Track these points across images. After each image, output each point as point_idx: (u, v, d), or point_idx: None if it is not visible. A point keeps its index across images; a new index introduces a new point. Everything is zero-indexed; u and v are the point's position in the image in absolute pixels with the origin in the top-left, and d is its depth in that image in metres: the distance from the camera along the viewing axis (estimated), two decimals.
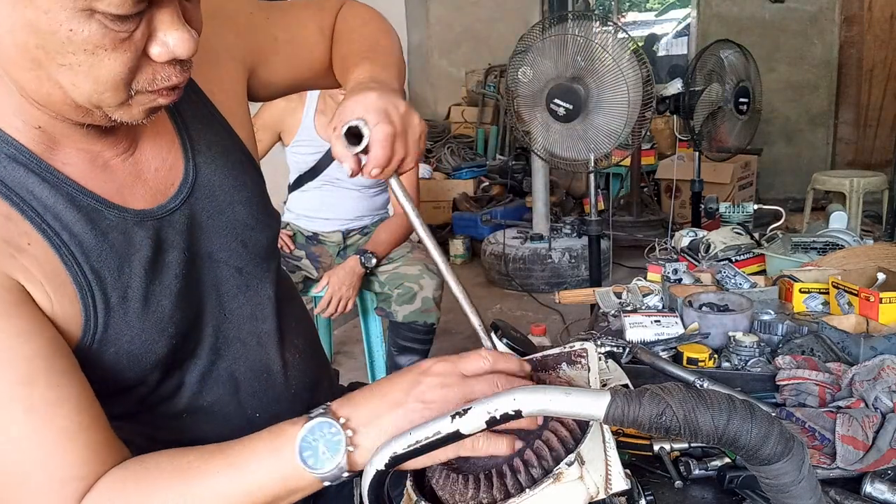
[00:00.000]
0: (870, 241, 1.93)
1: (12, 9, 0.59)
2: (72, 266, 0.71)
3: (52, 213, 0.71)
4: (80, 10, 0.59)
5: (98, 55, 0.62)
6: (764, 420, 0.51)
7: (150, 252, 0.78)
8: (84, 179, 0.74)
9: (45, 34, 0.60)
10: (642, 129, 2.63)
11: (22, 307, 0.67)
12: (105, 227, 0.74)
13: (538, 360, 0.83)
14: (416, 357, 2.39)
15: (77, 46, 0.61)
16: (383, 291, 2.36)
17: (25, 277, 0.68)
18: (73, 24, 0.59)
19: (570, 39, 2.50)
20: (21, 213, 0.69)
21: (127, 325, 0.75)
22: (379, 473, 0.56)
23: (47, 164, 0.71)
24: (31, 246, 0.69)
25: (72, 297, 0.71)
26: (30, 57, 0.62)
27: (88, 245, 0.72)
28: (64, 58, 0.61)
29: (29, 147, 0.70)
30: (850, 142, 5.98)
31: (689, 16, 7.90)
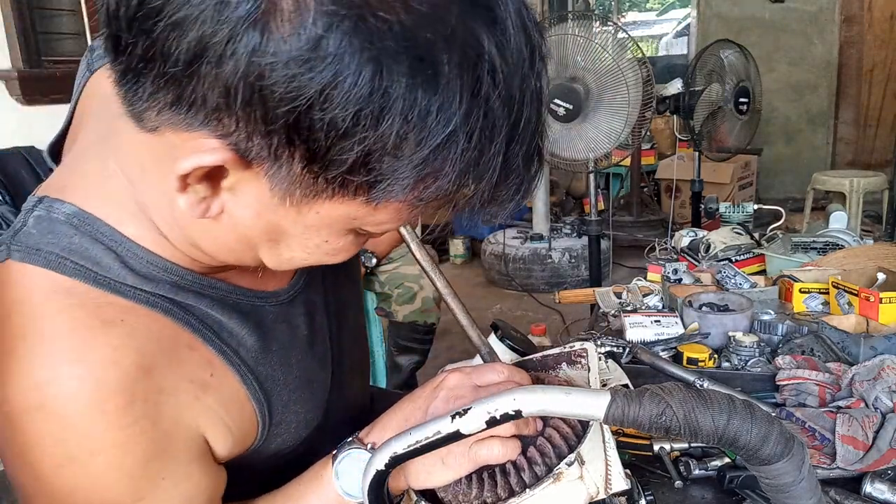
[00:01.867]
0: (870, 241, 1.93)
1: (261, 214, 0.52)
2: (250, 383, 0.67)
3: (227, 330, 0.65)
4: (349, 231, 0.55)
5: (333, 256, 0.59)
6: (764, 420, 0.51)
7: (307, 329, 0.74)
8: (241, 278, 0.69)
9: (291, 237, 0.55)
10: (642, 129, 2.63)
11: (197, 463, 0.63)
12: (270, 323, 0.70)
13: (538, 360, 0.83)
14: (416, 357, 2.39)
15: (321, 250, 0.57)
16: (383, 291, 2.36)
17: (207, 420, 0.63)
18: (331, 238, 0.56)
19: (570, 39, 2.50)
20: (202, 339, 0.63)
21: (295, 413, 0.72)
22: (379, 473, 0.56)
23: (210, 279, 0.65)
24: (213, 377, 0.64)
25: (251, 415, 0.68)
26: (247, 243, 0.57)
27: (261, 354, 0.68)
28: (295, 252, 0.57)
29: (190, 267, 0.64)
30: (850, 142, 5.98)
31: (689, 16, 7.90)
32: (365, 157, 0.45)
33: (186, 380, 0.61)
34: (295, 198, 0.49)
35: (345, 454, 0.69)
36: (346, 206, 0.50)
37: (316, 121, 0.43)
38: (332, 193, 0.48)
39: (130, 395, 0.56)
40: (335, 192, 0.48)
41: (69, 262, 0.58)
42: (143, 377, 0.57)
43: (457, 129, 0.44)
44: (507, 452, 0.66)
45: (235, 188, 0.50)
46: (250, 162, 0.47)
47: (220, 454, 0.65)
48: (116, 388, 0.55)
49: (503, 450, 0.66)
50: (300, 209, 0.51)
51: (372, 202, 0.49)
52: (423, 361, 2.45)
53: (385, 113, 0.43)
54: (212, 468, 0.65)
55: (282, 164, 0.46)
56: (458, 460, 0.66)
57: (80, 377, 0.54)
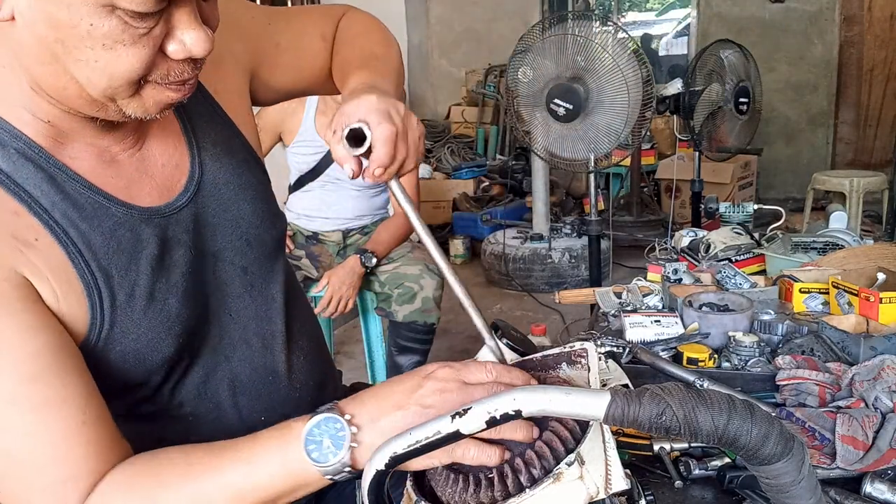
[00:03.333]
0: (870, 241, 1.93)
1: (34, 1, 0.59)
2: (79, 263, 0.71)
3: (60, 210, 0.70)
4: (102, 6, 0.59)
5: (116, 50, 0.62)
6: (764, 420, 0.51)
7: (157, 250, 0.78)
8: (92, 175, 0.74)
9: (65, 28, 0.60)
10: (642, 129, 2.63)
11: (28, 302, 0.67)
12: (112, 224, 0.74)
13: (538, 360, 0.83)
14: (416, 357, 2.39)
15: (96, 41, 0.61)
16: (383, 291, 2.36)
17: (32, 273, 0.67)
18: (93, 19, 0.60)
19: (570, 39, 2.50)
20: (29, 210, 0.69)
21: (133, 322, 0.75)
22: (379, 473, 0.56)
23: (55, 160, 0.71)
24: (38, 241, 0.68)
25: (78, 295, 0.71)
26: (48, 51, 0.62)
27: (96, 242, 0.72)
28: (82, 52, 0.62)
29: (37, 141, 0.70)
30: (850, 142, 5.98)
31: (689, 16, 7.90)
32: None
33: (8, 234, 0.67)
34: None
35: (320, 417, 0.68)
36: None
37: None
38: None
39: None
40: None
41: None
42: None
43: None
44: (482, 457, 0.66)
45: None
46: None
47: (53, 310, 0.69)
48: None
49: (478, 453, 0.66)
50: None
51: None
52: (423, 361, 2.45)
53: None
54: (50, 316, 0.68)
55: None
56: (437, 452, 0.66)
57: None
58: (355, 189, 2.48)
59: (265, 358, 0.90)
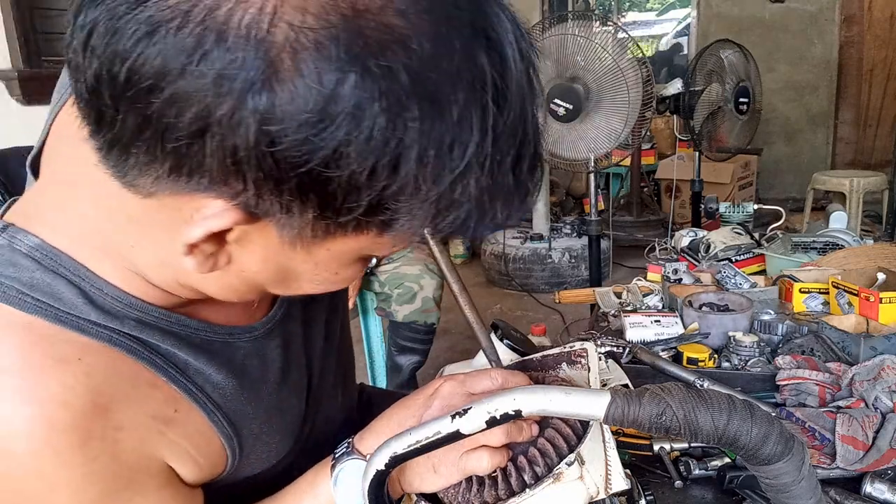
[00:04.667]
0: (870, 241, 1.93)
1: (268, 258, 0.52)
2: (217, 419, 0.65)
3: (194, 369, 0.63)
4: (357, 260, 0.55)
5: (339, 283, 0.58)
6: (764, 420, 0.51)
7: (281, 360, 0.72)
8: (212, 313, 0.66)
9: (299, 274, 0.55)
10: (642, 129, 2.63)
11: (165, 490, 0.62)
12: (241, 357, 0.68)
13: (538, 360, 0.83)
14: (416, 357, 2.39)
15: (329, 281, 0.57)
16: (383, 291, 2.36)
17: (172, 453, 0.62)
18: (340, 269, 0.55)
19: (570, 39, 2.50)
20: (167, 378, 0.61)
21: (266, 444, 0.71)
22: (379, 473, 0.56)
23: (178, 316, 0.63)
24: (178, 413, 0.62)
25: (218, 448, 0.66)
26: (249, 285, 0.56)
27: (231, 390, 0.66)
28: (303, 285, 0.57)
29: (156, 303, 0.61)
30: (850, 142, 5.98)
31: (689, 16, 7.90)
32: (380, 201, 0.44)
33: (148, 416, 0.60)
34: (306, 242, 0.49)
35: (343, 464, 0.68)
36: (358, 241, 0.50)
37: (332, 178, 0.42)
38: (345, 234, 0.48)
39: (86, 434, 0.55)
40: (348, 233, 0.48)
41: (29, 297, 0.56)
42: (100, 416, 0.56)
43: (470, 161, 0.44)
44: (496, 463, 0.66)
45: (242, 239, 0.50)
46: (259, 217, 0.46)
47: (189, 480, 0.65)
48: (69, 427, 0.54)
49: (491, 461, 0.66)
50: (310, 250, 0.50)
51: (386, 236, 0.49)
52: (423, 361, 2.45)
53: (401, 160, 0.43)
54: (182, 491, 0.64)
55: (293, 215, 0.45)
56: (449, 469, 0.67)
57: (31, 416, 0.53)
58: None
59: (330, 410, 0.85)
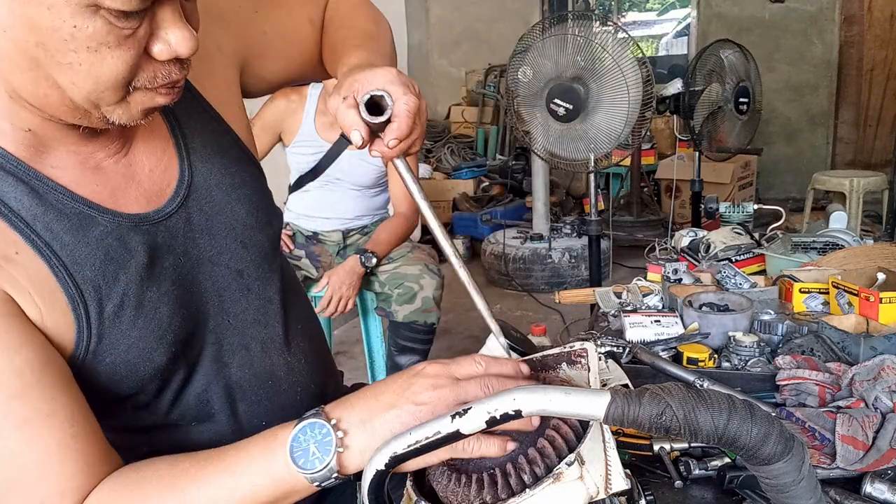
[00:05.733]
0: (870, 241, 1.93)
1: (12, 5, 0.57)
2: (62, 277, 0.69)
3: (42, 223, 0.68)
4: (86, 6, 0.58)
5: (101, 53, 0.61)
6: (764, 420, 0.51)
7: (146, 258, 0.76)
8: (75, 184, 0.72)
9: (47, 31, 0.58)
10: (642, 129, 2.63)
11: (11, 319, 0.65)
12: (98, 233, 0.72)
13: (538, 360, 0.83)
14: (416, 357, 2.39)
15: (80, 44, 0.59)
16: (383, 291, 2.36)
17: (13, 287, 0.66)
18: (77, 21, 0.58)
19: (570, 39, 2.50)
20: (9, 224, 0.67)
21: (123, 334, 0.73)
22: (379, 473, 0.56)
23: (35, 171, 0.69)
24: (19, 255, 0.67)
25: (63, 309, 0.69)
26: (28, 56, 0.60)
27: (80, 255, 0.70)
28: (65, 56, 0.60)
29: (16, 153, 0.68)
30: (850, 142, 5.98)
31: (689, 16, 7.90)
32: None
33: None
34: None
35: (305, 423, 0.67)
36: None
37: None
38: None
39: None
40: None
41: None
42: None
43: None
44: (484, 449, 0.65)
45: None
46: None
47: (36, 322, 0.67)
48: None
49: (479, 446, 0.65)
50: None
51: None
52: (423, 361, 2.45)
53: None
54: (33, 332, 0.67)
55: None
56: None
57: None
58: (355, 189, 2.48)
59: (264, 362, 0.88)
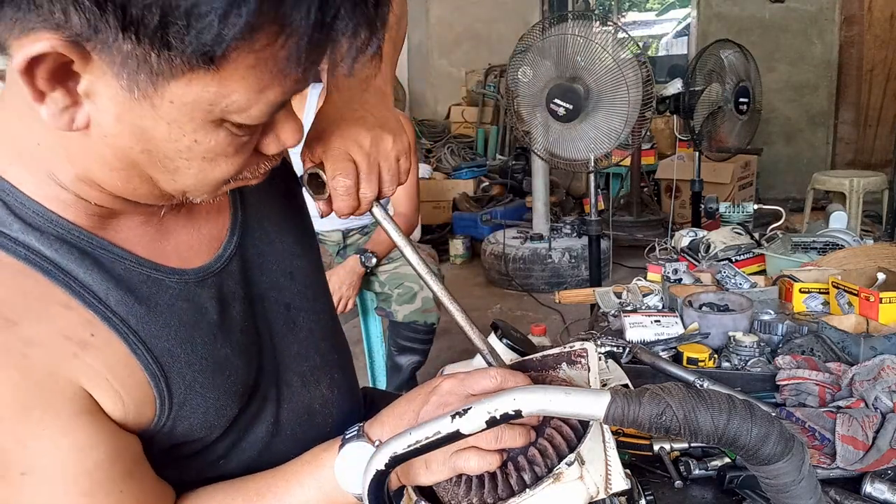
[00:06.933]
0: (870, 241, 1.93)
1: (123, 116, 0.53)
2: (141, 353, 0.65)
3: (115, 297, 0.64)
4: (210, 122, 0.55)
5: (216, 161, 0.58)
6: (764, 420, 0.51)
7: (216, 313, 0.72)
8: (139, 245, 0.68)
9: (160, 141, 0.55)
10: (642, 129, 2.63)
11: (83, 417, 0.61)
12: (169, 298, 0.68)
13: (538, 360, 0.83)
14: (416, 357, 2.39)
15: (195, 154, 0.57)
16: (383, 291, 2.36)
17: (89, 379, 0.61)
18: (199, 135, 0.55)
19: (570, 39, 2.50)
20: (83, 302, 0.62)
21: (202, 397, 0.70)
22: (379, 473, 0.56)
23: (100, 240, 0.64)
24: (94, 337, 0.62)
25: (143, 386, 0.65)
26: (127, 159, 0.57)
27: (155, 326, 0.66)
28: (173, 162, 0.57)
29: (78, 222, 0.63)
30: (850, 142, 5.99)
31: (689, 16, 7.90)
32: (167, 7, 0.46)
33: (60, 335, 0.60)
34: (140, 83, 0.50)
35: (351, 444, 0.70)
36: (193, 86, 0.51)
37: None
38: (173, 70, 0.49)
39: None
40: (174, 69, 0.49)
41: None
42: (7, 328, 0.57)
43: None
44: (484, 465, 0.66)
45: (91, 93, 0.52)
46: (83, 49, 0.49)
47: (114, 415, 0.64)
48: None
49: (479, 462, 0.66)
50: (153, 101, 0.52)
51: (210, 69, 0.49)
52: (424, 361, 2.45)
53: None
54: (106, 426, 0.63)
55: (107, 41, 0.48)
56: (439, 467, 0.68)
57: None
58: None
59: (302, 396, 0.84)
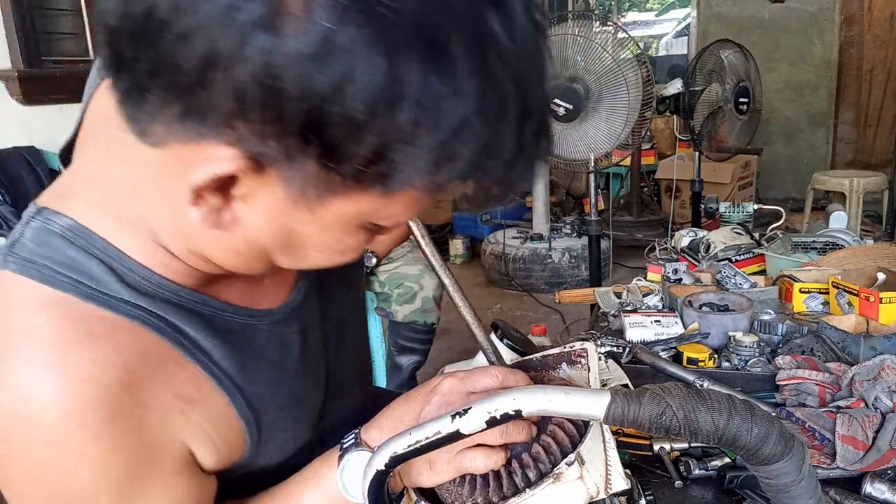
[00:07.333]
0: (870, 241, 1.93)
1: (274, 217, 0.51)
2: (239, 402, 0.65)
3: (219, 352, 0.64)
4: (358, 226, 0.54)
5: (346, 254, 0.57)
6: (764, 420, 0.51)
7: (299, 348, 0.72)
8: (235, 295, 0.67)
9: (302, 237, 0.54)
10: (642, 129, 2.63)
11: (184, 474, 0.62)
12: (262, 342, 0.69)
13: (538, 360, 0.83)
14: (416, 357, 2.39)
15: (333, 249, 0.56)
16: (383, 291, 2.36)
17: (193, 436, 0.62)
18: (345, 237, 0.55)
19: (570, 39, 2.50)
20: (192, 359, 0.62)
21: (285, 431, 0.71)
22: (379, 473, 0.56)
23: (203, 296, 0.64)
24: (200, 393, 0.63)
25: (238, 431, 0.66)
26: (258, 249, 0.56)
27: (252, 374, 0.66)
28: (306, 253, 0.56)
29: (184, 283, 0.63)
30: (850, 142, 5.99)
31: (689, 16, 7.90)
32: (380, 148, 0.44)
33: (172, 395, 0.60)
34: (309, 198, 0.48)
35: (350, 455, 0.69)
36: (360, 202, 0.49)
37: (331, 116, 0.42)
38: (347, 189, 0.47)
39: (112, 410, 0.56)
40: (350, 188, 0.47)
41: (62, 275, 0.57)
42: (127, 393, 0.57)
43: (470, 110, 0.44)
44: (491, 463, 0.66)
45: (248, 196, 0.50)
46: (264, 166, 0.47)
47: (207, 466, 0.65)
48: (98, 402, 0.55)
49: (486, 461, 0.66)
50: (314, 210, 0.50)
51: (387, 194, 0.48)
52: (423, 361, 2.45)
53: (399, 101, 0.42)
54: (198, 478, 0.64)
55: (296, 164, 0.45)
56: (444, 466, 0.67)
57: (61, 389, 0.54)
58: None
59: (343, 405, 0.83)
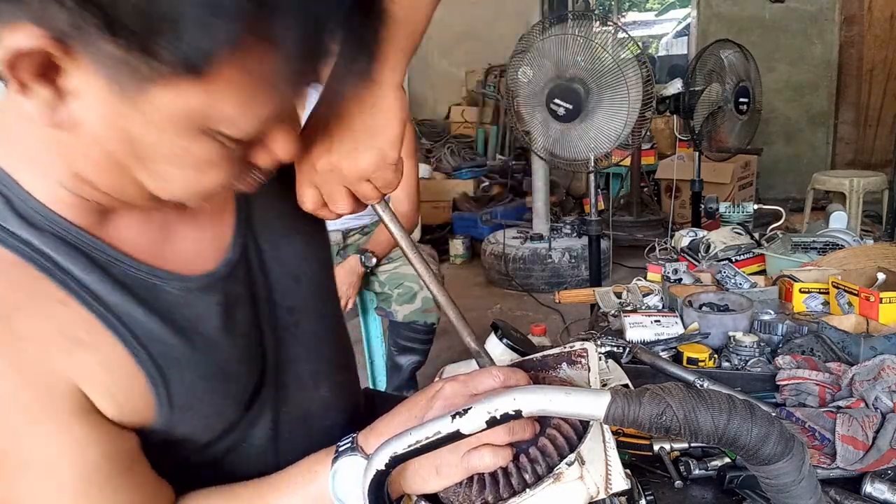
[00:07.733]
0: (870, 241, 1.93)
1: (110, 120, 0.53)
2: (138, 352, 0.63)
3: (114, 299, 0.63)
4: (201, 132, 0.54)
5: (205, 170, 0.58)
6: (764, 420, 0.51)
7: (220, 319, 0.70)
8: (139, 248, 0.66)
9: (149, 146, 0.55)
10: (642, 129, 2.63)
11: (79, 415, 0.61)
12: (168, 304, 0.66)
13: (538, 360, 0.83)
14: (416, 357, 2.39)
15: (185, 162, 0.56)
16: (383, 291, 2.36)
17: (83, 378, 0.60)
18: (187, 144, 0.55)
19: (570, 39, 2.50)
20: (78, 299, 0.61)
21: (201, 401, 0.68)
22: (379, 473, 0.56)
23: (98, 241, 0.63)
24: (90, 335, 0.61)
25: (140, 386, 0.64)
26: (115, 161, 0.57)
27: (155, 330, 0.65)
28: (162, 168, 0.57)
29: (77, 221, 0.62)
30: (850, 142, 5.99)
31: (689, 16, 7.90)
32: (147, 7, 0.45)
33: (55, 332, 0.60)
34: (127, 89, 0.50)
35: (344, 458, 0.68)
36: (180, 95, 0.51)
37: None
38: (155, 74, 0.49)
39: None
40: (157, 73, 0.48)
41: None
42: (2, 322, 0.58)
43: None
44: (499, 461, 0.66)
45: (77, 91, 0.52)
46: (69, 46, 0.48)
47: (110, 416, 0.63)
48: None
49: (495, 459, 0.66)
50: (139, 106, 0.51)
51: (198, 79, 0.49)
52: (424, 361, 2.45)
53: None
54: (103, 426, 0.62)
55: (90, 40, 0.47)
56: (451, 469, 0.66)
57: None
58: None
59: (301, 399, 0.82)
